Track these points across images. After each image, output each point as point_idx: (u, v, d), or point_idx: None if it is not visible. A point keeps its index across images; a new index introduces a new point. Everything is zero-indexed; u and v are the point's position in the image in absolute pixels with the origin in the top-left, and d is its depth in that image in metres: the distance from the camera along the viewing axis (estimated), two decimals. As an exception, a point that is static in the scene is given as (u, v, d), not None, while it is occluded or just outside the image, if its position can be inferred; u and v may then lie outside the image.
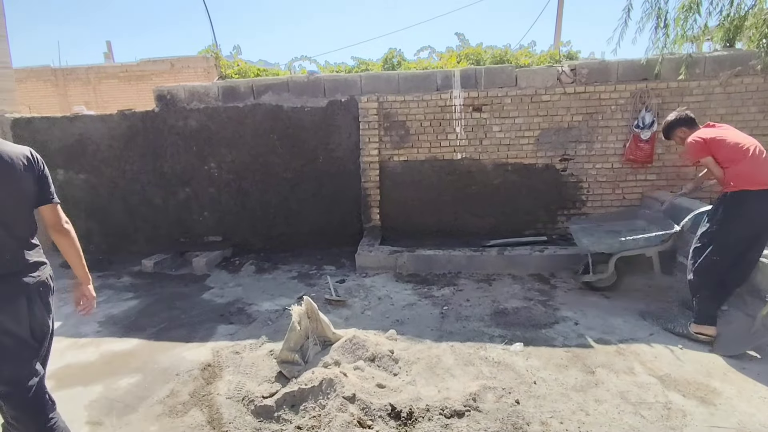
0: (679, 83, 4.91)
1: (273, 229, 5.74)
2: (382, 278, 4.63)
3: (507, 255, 4.63)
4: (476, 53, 8.16)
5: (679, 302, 3.76)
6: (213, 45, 13.00)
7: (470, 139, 5.32)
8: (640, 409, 2.49)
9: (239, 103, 5.53)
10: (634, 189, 5.25)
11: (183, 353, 3.28)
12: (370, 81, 5.36)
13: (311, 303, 3.06)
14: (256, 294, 4.43)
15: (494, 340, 3.31)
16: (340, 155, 5.51)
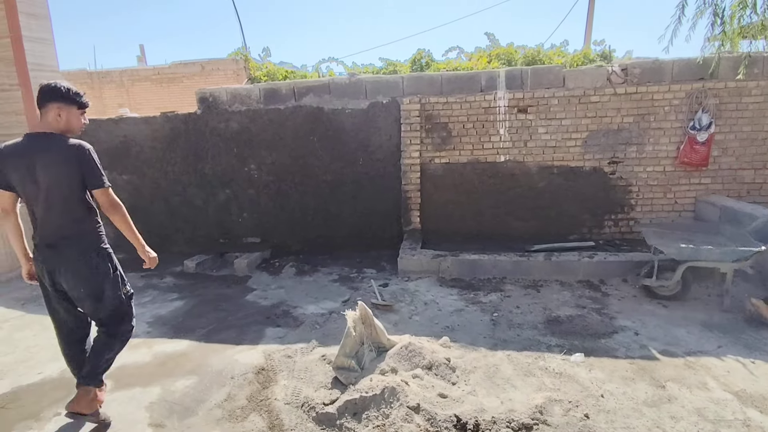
0: (737, 83, 4.70)
1: (311, 231, 5.73)
2: (425, 282, 4.56)
3: (554, 261, 4.49)
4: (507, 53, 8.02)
5: (744, 314, 3.57)
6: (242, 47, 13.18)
7: (514, 141, 5.20)
8: (719, 427, 2.35)
9: (280, 105, 5.54)
10: (687, 193, 5.05)
11: (235, 356, 3.27)
12: (413, 82, 5.29)
13: (366, 308, 3.01)
14: (300, 297, 4.41)
15: (552, 349, 3.20)
16: (381, 157, 5.46)
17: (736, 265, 3.53)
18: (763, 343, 3.19)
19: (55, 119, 2.37)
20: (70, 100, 2.39)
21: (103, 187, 2.37)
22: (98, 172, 2.36)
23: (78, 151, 2.31)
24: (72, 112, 2.41)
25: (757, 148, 4.84)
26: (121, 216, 2.43)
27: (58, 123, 2.38)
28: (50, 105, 2.36)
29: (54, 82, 2.39)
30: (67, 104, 2.39)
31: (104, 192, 2.38)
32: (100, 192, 2.37)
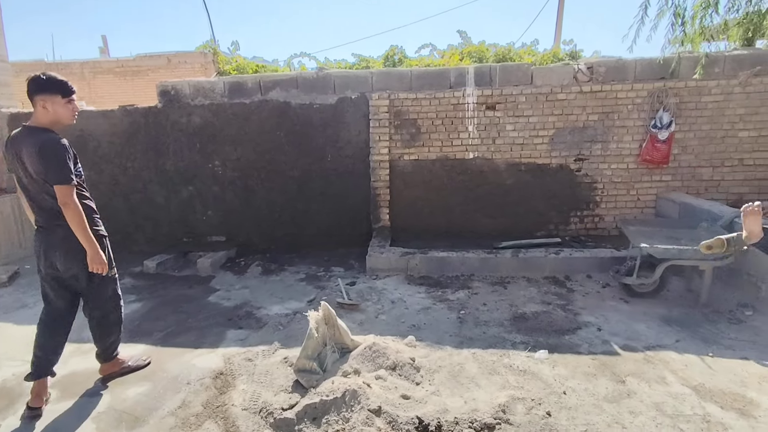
0: (697, 82, 4.82)
1: (279, 229, 5.59)
2: (393, 281, 4.51)
3: (521, 257, 4.51)
4: (479, 51, 8.07)
5: (701, 307, 3.66)
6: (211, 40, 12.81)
7: (483, 138, 5.20)
8: (678, 422, 2.37)
9: (245, 99, 5.38)
10: (649, 190, 5.15)
11: (192, 360, 3.14)
12: (382, 78, 5.22)
13: (329, 309, 2.93)
14: (264, 297, 4.28)
15: (517, 346, 3.19)
16: (349, 153, 5.37)
17: (716, 263, 3.58)
18: (719, 336, 3.27)
19: (42, 112, 2.45)
20: (52, 89, 2.43)
21: (58, 183, 2.39)
22: (56, 168, 2.39)
23: (41, 147, 2.38)
24: (56, 101, 2.45)
25: (715, 147, 4.98)
26: (71, 216, 2.44)
27: (46, 115, 2.46)
28: (36, 98, 2.43)
29: (36, 74, 2.43)
30: (50, 94, 2.44)
31: (58, 189, 2.41)
32: (56, 188, 2.41)
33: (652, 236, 3.86)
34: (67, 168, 2.42)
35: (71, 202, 2.43)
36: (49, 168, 2.39)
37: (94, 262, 2.55)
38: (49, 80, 2.43)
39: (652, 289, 3.84)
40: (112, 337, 2.89)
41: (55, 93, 2.45)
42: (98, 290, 2.73)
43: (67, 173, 2.41)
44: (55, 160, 2.38)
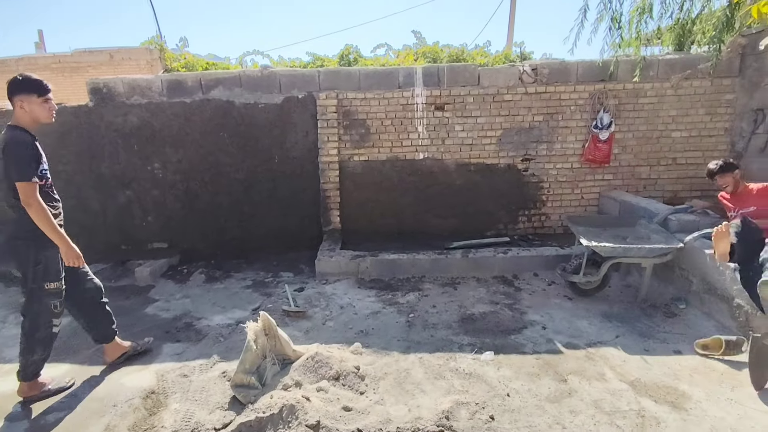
0: (634, 85, 5.01)
1: (225, 233, 5.37)
2: (343, 285, 4.41)
3: (471, 258, 4.53)
4: (433, 51, 8.09)
5: (640, 302, 3.79)
6: (157, 36, 12.20)
7: (432, 138, 5.19)
8: (615, 418, 2.42)
9: (186, 98, 5.12)
10: (592, 189, 5.32)
11: (122, 379, 2.92)
12: (329, 77, 5.10)
13: (269, 319, 2.81)
14: (207, 306, 4.08)
15: (464, 349, 3.18)
16: (297, 155, 5.22)
17: (656, 260, 3.70)
18: (655, 330, 3.39)
19: (20, 112, 2.50)
20: (27, 89, 2.49)
21: (18, 181, 2.42)
22: (16, 167, 2.42)
23: (4, 145, 2.44)
24: (32, 101, 2.50)
25: (651, 146, 5.20)
26: (35, 214, 2.47)
27: (24, 115, 2.51)
28: (14, 99, 2.50)
29: (15, 76, 2.49)
30: (27, 94, 2.49)
31: (18, 186, 2.43)
32: (18, 186, 2.43)
33: (599, 235, 3.96)
34: (28, 166, 2.44)
35: (34, 200, 2.45)
36: (10, 166, 2.43)
37: (69, 256, 2.60)
38: (25, 80, 2.50)
39: (596, 286, 3.94)
40: (35, 355, 2.70)
41: (31, 93, 2.50)
42: (31, 299, 2.64)
43: (28, 171, 2.43)
44: (15, 157, 2.41)
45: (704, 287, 3.53)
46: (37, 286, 2.61)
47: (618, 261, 3.75)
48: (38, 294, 2.62)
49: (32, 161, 2.48)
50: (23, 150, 2.45)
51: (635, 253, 3.64)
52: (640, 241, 3.81)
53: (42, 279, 2.60)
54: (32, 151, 2.50)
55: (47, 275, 2.61)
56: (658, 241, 3.69)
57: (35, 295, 2.63)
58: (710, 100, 5.08)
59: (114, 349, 3.07)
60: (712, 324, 3.40)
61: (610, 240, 3.79)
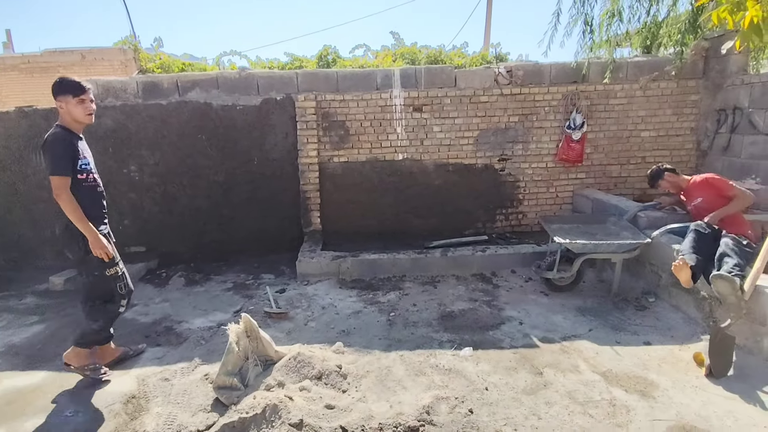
0: (605, 86, 5.17)
1: (204, 236, 5.33)
2: (324, 285, 4.44)
3: (451, 256, 4.61)
4: (411, 52, 8.17)
5: (613, 297, 3.93)
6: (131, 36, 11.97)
7: (411, 139, 5.27)
8: (588, 408, 2.52)
9: (162, 100, 5.07)
10: (566, 187, 5.47)
11: (102, 384, 2.90)
12: (308, 79, 5.12)
13: (250, 320, 2.82)
14: (187, 310, 4.06)
15: (444, 345, 3.25)
16: (277, 156, 5.22)
17: (626, 255, 3.84)
18: (626, 323, 3.52)
19: (61, 113, 2.68)
20: (63, 91, 2.63)
21: (51, 175, 2.58)
22: (49, 161, 2.58)
23: (43, 142, 2.63)
24: (68, 101, 2.64)
25: (622, 146, 5.38)
26: (64, 206, 2.60)
27: (65, 115, 2.68)
28: (56, 100, 2.66)
29: (56, 78, 2.66)
30: (63, 95, 2.64)
31: (51, 179, 2.59)
32: (51, 179, 2.59)
33: (570, 232, 4.09)
34: (60, 161, 2.58)
35: (63, 193, 2.59)
36: (46, 160, 2.62)
37: (94, 246, 2.69)
38: (62, 82, 2.65)
39: (570, 282, 4.07)
40: (95, 325, 2.90)
41: (67, 93, 2.64)
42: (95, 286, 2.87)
43: (60, 166, 2.58)
44: (50, 153, 2.59)
45: (672, 281, 3.67)
46: (99, 273, 2.80)
47: (590, 257, 3.88)
48: (103, 280, 2.83)
49: (66, 157, 2.61)
50: (58, 146, 2.60)
51: (605, 249, 3.78)
52: (610, 237, 3.95)
53: (102, 267, 2.78)
54: (68, 148, 2.63)
55: (104, 263, 2.78)
56: (627, 237, 3.84)
57: (100, 281, 2.83)
58: (677, 101, 5.29)
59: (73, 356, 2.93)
60: (680, 316, 3.56)
61: (582, 237, 3.92)
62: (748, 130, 4.74)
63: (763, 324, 2.85)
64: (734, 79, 4.91)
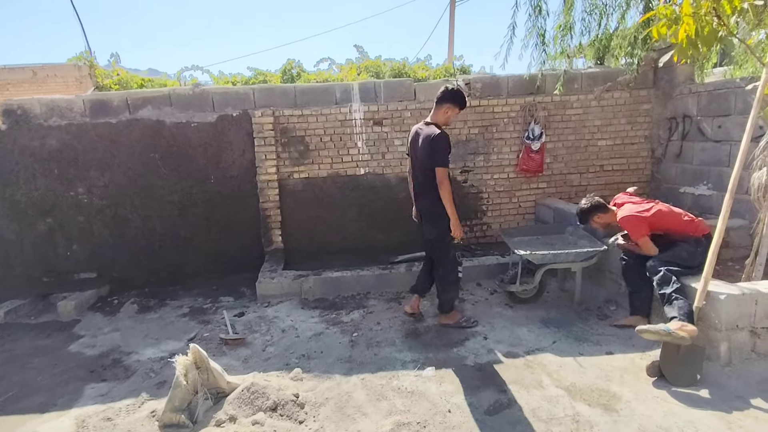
0: (561, 97, 5.26)
1: (159, 260, 5.09)
2: (286, 306, 4.28)
3: (415, 271, 4.50)
4: (376, 66, 8.17)
5: (575, 306, 3.93)
6: (86, 51, 11.54)
7: (372, 153, 5.21)
8: (551, 426, 2.46)
9: (111, 119, 4.85)
10: (528, 197, 5.51)
11: (36, 429, 2.66)
12: (265, 94, 5.01)
13: (199, 351, 2.66)
14: (138, 339, 3.83)
15: (407, 366, 3.15)
16: (235, 174, 5.06)
17: (584, 264, 3.84)
18: (589, 333, 3.51)
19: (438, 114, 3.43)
20: (452, 101, 3.36)
21: (437, 166, 3.29)
22: (438, 155, 3.29)
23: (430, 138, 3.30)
24: (452, 109, 3.40)
25: (580, 155, 5.47)
26: (443, 192, 3.33)
27: (439, 117, 3.42)
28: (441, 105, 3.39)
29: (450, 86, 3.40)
30: (452, 104, 3.37)
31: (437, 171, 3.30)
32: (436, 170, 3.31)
33: (531, 244, 4.08)
34: (446, 156, 3.29)
35: (445, 180, 3.29)
36: (433, 154, 3.27)
37: (456, 227, 3.38)
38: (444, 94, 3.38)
39: (533, 293, 4.05)
40: (448, 294, 3.62)
41: (455, 104, 3.38)
42: (447, 251, 3.51)
43: (445, 160, 3.30)
44: (434, 149, 3.25)
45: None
46: (450, 239, 3.43)
47: (551, 267, 3.88)
48: (451, 246, 3.48)
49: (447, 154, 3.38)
50: (441, 143, 3.29)
51: (564, 259, 3.79)
52: (568, 247, 3.97)
53: (451, 235, 3.40)
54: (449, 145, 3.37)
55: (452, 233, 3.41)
56: (585, 246, 3.86)
57: (450, 247, 3.49)
58: (630, 110, 5.43)
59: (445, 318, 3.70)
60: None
61: (542, 248, 3.93)
62: (697, 138, 4.90)
63: (719, 330, 2.88)
64: (682, 89, 5.08)
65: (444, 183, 3.27)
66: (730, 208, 2.96)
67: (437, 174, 3.27)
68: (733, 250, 4.16)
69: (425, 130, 3.36)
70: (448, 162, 3.32)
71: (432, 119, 3.39)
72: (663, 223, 3.31)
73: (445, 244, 3.48)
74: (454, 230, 3.36)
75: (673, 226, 3.31)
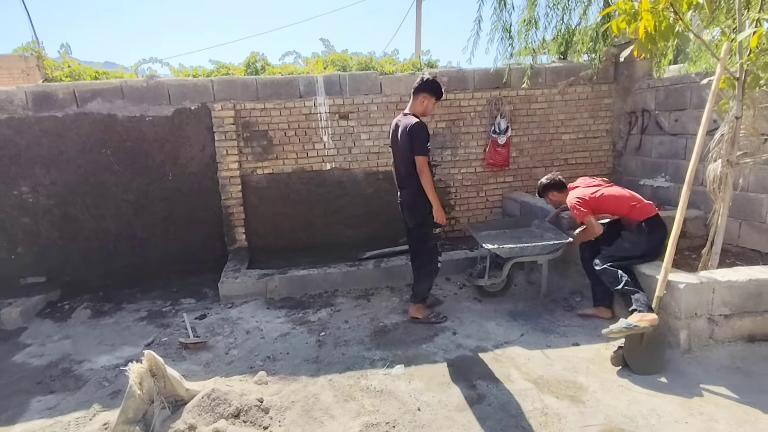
0: (526, 91, 5.30)
1: (114, 261, 4.82)
2: (251, 307, 4.13)
3: (384, 267, 4.48)
4: (342, 59, 8.03)
5: (542, 298, 3.97)
6: (33, 42, 10.85)
7: (339, 148, 5.10)
8: (520, 420, 2.46)
9: (57, 112, 4.54)
10: (495, 191, 5.54)
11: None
12: (225, 87, 4.81)
13: (154, 357, 2.50)
14: (91, 346, 3.60)
15: (375, 364, 3.09)
16: (194, 170, 4.85)
17: (551, 256, 3.87)
18: (556, 325, 3.55)
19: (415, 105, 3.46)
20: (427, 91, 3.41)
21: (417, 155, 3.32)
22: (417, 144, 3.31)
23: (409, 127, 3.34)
24: (428, 99, 3.43)
25: (545, 149, 5.54)
26: (424, 180, 3.34)
27: (416, 108, 3.45)
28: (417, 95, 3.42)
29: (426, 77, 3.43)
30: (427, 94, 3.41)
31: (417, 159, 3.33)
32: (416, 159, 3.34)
33: (498, 237, 4.09)
34: (424, 145, 3.32)
35: (425, 168, 3.31)
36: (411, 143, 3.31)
37: (439, 213, 3.39)
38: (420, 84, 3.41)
39: (501, 287, 4.06)
40: (423, 285, 3.66)
41: (432, 94, 3.43)
42: (425, 241, 3.55)
43: (424, 149, 3.32)
44: (417, 138, 3.29)
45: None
46: (430, 230, 3.49)
47: (518, 260, 3.90)
48: (431, 236, 3.53)
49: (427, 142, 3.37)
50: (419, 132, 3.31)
51: (531, 252, 3.81)
52: (534, 240, 3.99)
53: (432, 226, 3.47)
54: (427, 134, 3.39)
55: (435, 224, 3.47)
56: (550, 239, 3.90)
57: (430, 237, 3.53)
58: (592, 105, 5.53)
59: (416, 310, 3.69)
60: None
61: (509, 242, 3.94)
62: (656, 131, 5.04)
63: (678, 318, 2.96)
64: (641, 84, 5.21)
65: (424, 171, 3.31)
66: (687, 200, 3.03)
67: (417, 163, 3.30)
68: (690, 239, 4.31)
69: (403, 120, 3.41)
70: (427, 150, 3.35)
71: (410, 110, 3.45)
72: (606, 206, 3.42)
73: (426, 234, 3.51)
74: (437, 216, 3.39)
75: (618, 210, 3.43)
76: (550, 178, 3.75)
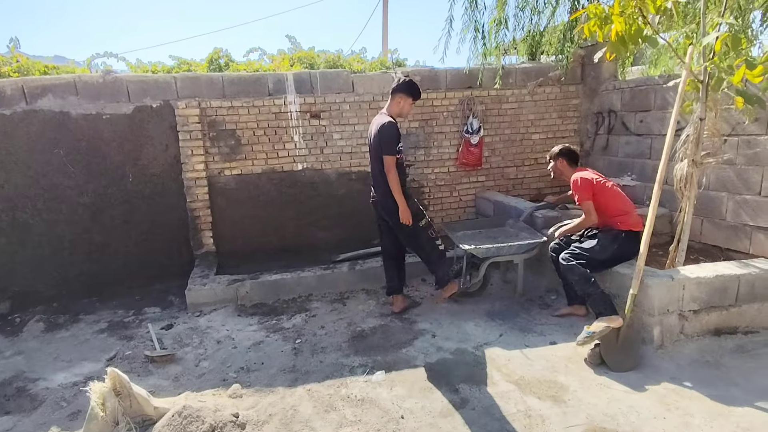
0: (497, 91, 5.33)
1: (70, 269, 4.51)
2: (220, 315, 3.96)
3: (359, 270, 4.39)
4: (309, 57, 7.86)
5: (518, 297, 3.99)
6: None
7: (310, 148, 4.97)
8: (505, 424, 2.43)
9: (5, 110, 4.20)
10: (468, 191, 5.55)
11: None
12: (189, 83, 4.58)
13: (118, 374, 2.33)
14: (46, 362, 3.35)
15: (355, 371, 3.00)
16: (157, 172, 4.60)
17: (526, 255, 3.88)
18: (533, 323, 3.57)
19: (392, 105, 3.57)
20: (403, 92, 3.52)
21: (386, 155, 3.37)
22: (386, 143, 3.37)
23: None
24: (405, 99, 3.54)
25: (516, 148, 5.60)
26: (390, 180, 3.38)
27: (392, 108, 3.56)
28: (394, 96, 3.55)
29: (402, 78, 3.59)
30: (404, 95, 3.52)
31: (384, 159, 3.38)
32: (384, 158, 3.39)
33: (474, 238, 4.09)
34: (393, 145, 3.35)
35: (392, 168, 3.35)
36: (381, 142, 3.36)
37: (404, 214, 3.41)
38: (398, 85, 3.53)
39: (478, 287, 4.06)
40: (441, 269, 3.69)
41: (408, 95, 3.53)
42: (415, 236, 3.59)
43: (392, 149, 3.35)
44: (386, 137, 3.34)
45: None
46: (417, 223, 3.50)
47: (494, 260, 3.90)
48: (420, 230, 3.55)
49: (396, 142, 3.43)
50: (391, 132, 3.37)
51: (507, 251, 3.83)
52: (510, 239, 4.01)
53: (418, 219, 3.50)
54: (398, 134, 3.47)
55: (417, 217, 3.49)
56: (525, 238, 3.93)
57: (419, 232, 3.56)
58: (561, 105, 5.63)
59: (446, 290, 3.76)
60: (579, 311, 3.69)
61: (485, 241, 3.94)
62: (622, 132, 5.17)
63: (651, 315, 3.02)
64: (607, 85, 5.34)
65: (391, 171, 3.35)
66: (659, 198, 3.10)
67: (384, 162, 3.35)
68: (657, 237, 4.42)
69: (378, 120, 3.46)
70: (395, 151, 3.37)
71: (387, 110, 3.52)
72: (604, 199, 3.40)
73: (413, 230, 3.54)
74: (402, 216, 3.42)
75: (609, 209, 3.42)
76: (567, 148, 3.67)
